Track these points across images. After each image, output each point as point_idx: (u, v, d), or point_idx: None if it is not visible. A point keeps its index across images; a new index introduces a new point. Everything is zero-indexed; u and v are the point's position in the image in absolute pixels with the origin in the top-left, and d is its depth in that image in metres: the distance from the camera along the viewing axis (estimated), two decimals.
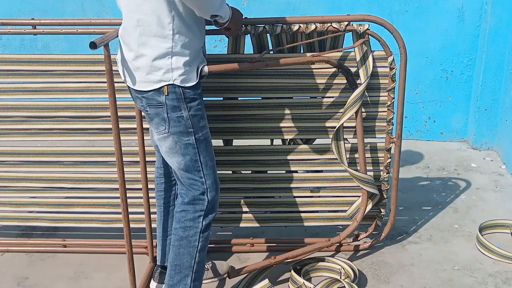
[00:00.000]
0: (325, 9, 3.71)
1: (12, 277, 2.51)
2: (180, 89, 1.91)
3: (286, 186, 2.58)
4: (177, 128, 1.95)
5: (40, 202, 2.66)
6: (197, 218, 2.03)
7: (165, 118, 1.94)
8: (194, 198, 2.03)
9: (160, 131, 1.98)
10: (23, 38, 4.08)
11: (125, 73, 2.00)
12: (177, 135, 1.96)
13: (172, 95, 1.91)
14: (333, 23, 2.31)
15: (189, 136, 1.97)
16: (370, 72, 2.35)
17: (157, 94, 1.92)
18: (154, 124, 1.99)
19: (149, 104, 1.95)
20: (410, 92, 3.70)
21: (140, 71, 1.92)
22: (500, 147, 3.72)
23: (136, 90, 1.97)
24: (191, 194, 2.03)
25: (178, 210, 2.06)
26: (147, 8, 1.85)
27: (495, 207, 3.05)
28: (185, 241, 2.03)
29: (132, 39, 1.90)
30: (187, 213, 2.03)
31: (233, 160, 2.55)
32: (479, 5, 3.65)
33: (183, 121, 1.95)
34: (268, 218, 2.64)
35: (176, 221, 2.05)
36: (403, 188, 3.17)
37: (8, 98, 2.55)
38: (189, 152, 1.98)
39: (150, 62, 1.89)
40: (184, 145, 1.97)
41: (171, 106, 1.92)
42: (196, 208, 2.03)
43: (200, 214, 2.03)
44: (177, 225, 2.05)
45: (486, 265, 2.54)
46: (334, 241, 2.53)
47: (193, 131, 1.97)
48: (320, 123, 2.49)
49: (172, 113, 1.93)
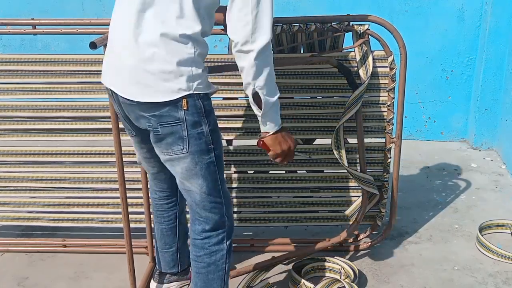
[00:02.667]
0: (325, 9, 3.71)
1: (12, 277, 2.51)
2: (200, 102, 1.72)
3: (286, 186, 2.58)
4: (197, 147, 1.75)
5: (40, 202, 2.67)
6: (221, 240, 1.90)
7: (183, 137, 1.73)
8: (215, 222, 1.87)
9: (175, 152, 1.76)
10: (23, 38, 4.08)
11: (125, 82, 1.73)
12: (198, 154, 1.76)
13: (192, 109, 1.70)
14: (333, 23, 2.31)
15: (210, 154, 1.78)
16: (370, 72, 2.35)
17: (174, 109, 1.69)
18: (164, 145, 1.77)
19: (162, 123, 1.72)
20: (410, 92, 3.70)
21: (154, 78, 1.67)
22: (500, 147, 3.73)
23: (141, 107, 1.72)
24: (213, 219, 1.87)
25: (200, 238, 1.89)
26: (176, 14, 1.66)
27: (495, 207, 3.05)
28: (213, 267, 1.90)
29: (152, 26, 1.66)
30: (210, 239, 1.89)
31: (233, 160, 2.55)
32: (479, 5, 3.65)
33: (203, 138, 1.75)
34: (268, 218, 2.64)
35: (199, 248, 1.90)
36: (403, 188, 3.17)
37: (8, 98, 2.55)
38: (211, 171, 1.80)
39: (175, 67, 1.66)
40: (206, 165, 1.78)
41: (191, 122, 1.72)
42: (219, 232, 1.89)
43: (223, 236, 1.90)
44: (201, 252, 1.90)
45: (486, 265, 2.54)
46: (334, 241, 2.53)
47: (213, 147, 1.79)
48: (320, 123, 2.49)
49: (192, 129, 1.72)
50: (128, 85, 1.72)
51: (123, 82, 1.73)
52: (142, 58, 1.67)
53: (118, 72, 1.74)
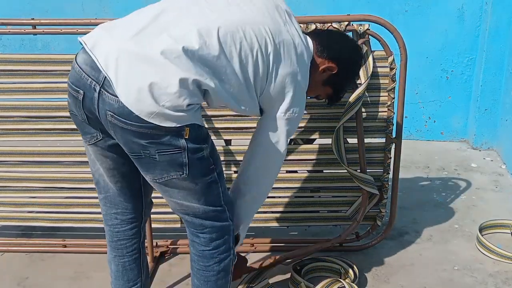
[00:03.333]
0: (325, 9, 3.71)
1: (12, 277, 2.51)
2: (201, 129, 1.68)
3: (286, 186, 2.58)
4: (198, 170, 1.70)
5: (40, 202, 2.66)
6: (229, 247, 1.87)
7: (183, 163, 1.66)
8: (221, 229, 1.83)
9: (171, 176, 1.69)
10: (23, 38, 4.09)
11: (127, 85, 1.57)
12: (198, 177, 1.71)
13: (194, 136, 1.65)
14: (333, 23, 2.31)
15: (212, 174, 1.75)
16: (370, 72, 2.35)
17: (175, 138, 1.62)
18: (159, 171, 1.68)
19: (161, 151, 1.63)
20: (410, 92, 3.70)
21: (168, 101, 1.56)
22: (500, 147, 3.73)
23: (136, 130, 1.59)
24: (218, 225, 1.82)
25: (209, 248, 1.84)
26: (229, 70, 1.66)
27: (495, 207, 3.05)
28: (222, 273, 1.87)
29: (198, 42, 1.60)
30: (219, 248, 1.84)
31: (233, 160, 2.55)
32: (479, 5, 3.66)
33: (204, 161, 1.71)
34: (268, 218, 2.64)
35: (208, 259, 1.85)
36: (403, 188, 3.17)
37: (8, 98, 2.55)
38: (213, 188, 1.76)
39: (193, 101, 1.60)
40: (207, 184, 1.74)
41: (193, 149, 1.66)
42: (226, 238, 1.85)
43: (230, 241, 1.87)
44: (211, 262, 1.85)
45: (486, 265, 2.54)
46: (334, 241, 2.53)
47: (214, 167, 1.76)
48: (320, 123, 2.49)
49: (193, 155, 1.67)
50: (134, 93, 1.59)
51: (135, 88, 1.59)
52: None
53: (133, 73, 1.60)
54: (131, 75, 1.57)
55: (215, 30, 1.63)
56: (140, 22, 1.65)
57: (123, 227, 1.96)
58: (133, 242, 1.99)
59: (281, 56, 1.74)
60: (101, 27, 1.70)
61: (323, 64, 1.92)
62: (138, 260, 2.01)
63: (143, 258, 2.05)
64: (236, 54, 1.66)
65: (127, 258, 1.99)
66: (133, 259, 2.00)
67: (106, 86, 1.58)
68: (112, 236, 1.98)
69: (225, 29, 1.64)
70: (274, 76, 1.75)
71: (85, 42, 1.65)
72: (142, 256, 2.04)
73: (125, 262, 1.99)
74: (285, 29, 1.76)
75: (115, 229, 1.97)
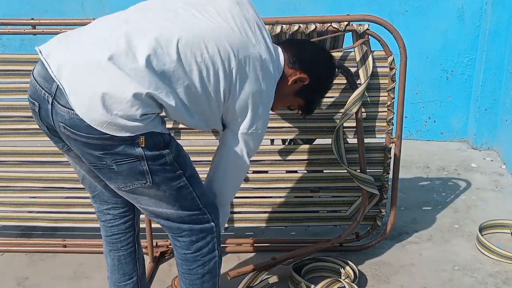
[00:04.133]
0: (325, 9, 3.71)
1: (12, 277, 2.51)
2: (158, 136, 1.62)
3: (286, 186, 2.58)
4: (162, 177, 1.65)
5: (40, 202, 2.66)
6: (213, 248, 1.84)
7: (144, 171, 1.62)
8: (202, 231, 1.80)
9: (135, 185, 1.65)
10: (23, 38, 4.08)
11: (78, 93, 1.54)
12: (164, 183, 1.67)
13: (151, 144, 1.60)
14: (333, 23, 2.31)
15: (180, 179, 1.70)
16: (370, 72, 2.35)
17: (129, 148, 1.58)
18: (121, 180, 1.65)
19: (118, 161, 1.59)
20: (410, 92, 3.70)
21: (121, 111, 1.53)
22: (500, 147, 3.73)
23: (87, 141, 1.56)
24: (198, 228, 1.79)
25: (190, 251, 1.81)
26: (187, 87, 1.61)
27: (495, 207, 3.05)
28: (207, 276, 1.85)
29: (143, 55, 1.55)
30: (202, 250, 1.82)
31: None
32: (479, 5, 3.65)
33: (168, 167, 1.66)
34: (268, 218, 2.64)
35: (191, 262, 1.83)
36: (403, 188, 3.17)
37: (8, 98, 2.55)
38: (184, 193, 1.72)
39: (148, 111, 1.57)
40: (176, 190, 1.70)
41: (152, 156, 1.61)
42: (208, 240, 1.82)
43: (214, 242, 1.83)
44: (194, 265, 1.83)
45: (486, 265, 2.54)
46: (334, 241, 2.53)
47: (182, 172, 1.70)
48: (320, 123, 2.49)
49: (153, 163, 1.62)
50: (85, 102, 1.55)
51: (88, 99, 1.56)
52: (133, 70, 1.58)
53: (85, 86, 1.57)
54: (84, 84, 1.54)
55: (175, 41, 1.59)
56: (100, 32, 1.62)
57: (117, 221, 1.97)
58: (127, 236, 1.99)
59: (246, 72, 1.70)
60: (58, 36, 1.68)
61: (294, 75, 1.89)
62: (133, 254, 2.01)
63: (139, 253, 2.04)
64: (195, 67, 1.61)
65: (122, 252, 1.99)
66: (128, 253, 2.00)
67: (58, 98, 1.56)
68: (107, 231, 1.98)
69: (185, 41, 1.60)
70: (238, 91, 1.71)
71: (41, 50, 1.63)
72: (138, 250, 2.03)
73: (120, 256, 1.99)
74: (252, 43, 1.70)
75: (109, 224, 1.97)
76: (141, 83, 1.53)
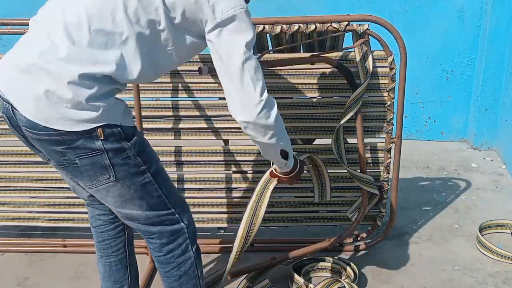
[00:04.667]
0: (325, 9, 3.71)
1: (12, 277, 2.51)
2: (118, 129, 1.59)
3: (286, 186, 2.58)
4: (126, 172, 1.62)
5: (40, 202, 2.67)
6: (185, 249, 1.81)
7: (106, 166, 1.60)
8: (172, 233, 1.77)
9: (100, 182, 1.63)
10: None
11: (23, 100, 1.54)
12: (128, 179, 1.63)
13: (111, 137, 1.58)
14: (333, 23, 2.31)
15: (144, 175, 1.66)
16: (370, 72, 2.35)
17: (89, 141, 1.56)
18: (87, 177, 1.63)
19: (79, 155, 1.58)
20: (410, 92, 3.70)
21: (66, 107, 1.51)
22: (500, 147, 3.73)
23: (49, 139, 1.55)
24: (167, 230, 1.76)
25: (162, 254, 1.80)
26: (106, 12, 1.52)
27: (495, 207, 3.05)
28: (185, 278, 1.83)
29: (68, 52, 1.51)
30: (173, 252, 1.80)
31: (232, 160, 2.55)
32: (479, 5, 3.66)
33: (131, 162, 1.62)
34: (268, 218, 2.64)
35: (165, 264, 1.82)
36: (403, 188, 3.17)
37: None
38: (149, 190, 1.68)
39: (86, 100, 1.52)
40: (141, 186, 1.66)
41: (112, 149, 1.59)
42: (180, 241, 1.79)
43: (186, 244, 1.80)
44: (168, 268, 1.82)
45: (486, 265, 2.54)
46: (334, 241, 2.53)
47: (146, 167, 1.66)
48: (320, 123, 2.49)
49: (115, 157, 1.59)
50: (30, 102, 1.55)
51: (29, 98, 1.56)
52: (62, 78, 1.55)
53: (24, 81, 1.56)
54: (24, 88, 1.54)
55: (83, 15, 1.54)
56: (30, 32, 1.63)
57: (107, 227, 1.97)
58: (117, 242, 1.99)
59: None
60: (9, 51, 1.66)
61: None
62: (124, 261, 2.01)
63: (131, 260, 2.04)
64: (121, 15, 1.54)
65: (112, 258, 1.99)
66: (118, 259, 2.00)
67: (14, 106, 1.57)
68: (98, 236, 1.99)
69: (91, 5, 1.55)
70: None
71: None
72: (129, 258, 2.02)
73: (111, 262, 1.99)
74: None
75: (99, 230, 1.98)
76: (72, 68, 1.50)
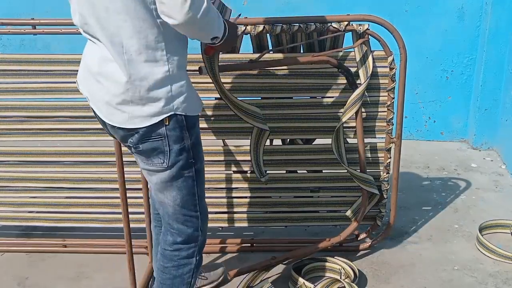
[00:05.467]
0: (325, 9, 3.70)
1: (12, 277, 2.51)
2: (182, 117, 1.68)
3: (286, 186, 2.58)
4: (178, 162, 1.72)
5: (40, 202, 2.66)
6: (191, 255, 1.86)
7: (164, 151, 1.70)
8: (189, 236, 1.84)
9: (154, 164, 1.73)
10: (23, 38, 4.08)
11: (102, 108, 1.70)
12: (177, 168, 1.73)
13: (174, 123, 1.67)
14: (333, 23, 2.31)
15: (190, 168, 1.75)
16: (370, 72, 2.35)
17: (155, 126, 1.66)
18: (145, 156, 1.74)
19: (144, 140, 1.69)
20: (410, 92, 3.69)
21: (132, 105, 1.64)
22: (500, 147, 3.72)
23: (121, 128, 1.70)
24: (186, 232, 1.84)
25: (170, 249, 1.86)
26: (131, 29, 1.56)
27: (495, 207, 3.05)
28: (178, 280, 1.87)
29: (117, 69, 1.62)
30: (180, 252, 1.85)
31: (233, 160, 2.55)
32: (479, 5, 3.65)
33: (185, 153, 1.72)
34: (268, 218, 2.64)
35: (167, 260, 1.87)
36: (403, 188, 3.17)
37: (8, 98, 2.55)
38: (188, 185, 1.77)
39: (146, 94, 1.62)
40: (183, 179, 1.75)
41: (173, 137, 1.69)
42: (191, 246, 1.86)
43: (194, 250, 1.86)
44: (169, 264, 1.87)
45: (486, 265, 2.54)
46: (334, 241, 2.53)
47: (194, 162, 1.75)
48: (320, 123, 2.49)
49: (174, 145, 1.69)
50: (106, 110, 1.71)
51: (104, 107, 1.71)
52: (119, 89, 1.65)
53: (97, 96, 1.72)
54: (95, 94, 1.71)
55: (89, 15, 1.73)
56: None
57: None
58: None
59: None
60: None
61: None
62: None
63: None
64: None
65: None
66: None
67: None
68: (154, 208, 2.11)
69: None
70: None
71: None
72: None
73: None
74: None
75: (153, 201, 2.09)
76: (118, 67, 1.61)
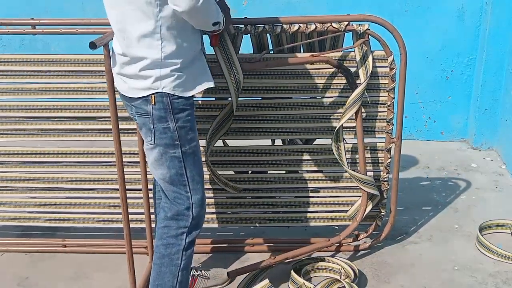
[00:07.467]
0: (325, 9, 3.70)
1: (12, 277, 2.51)
2: (167, 99, 1.83)
3: (286, 186, 2.58)
4: (163, 140, 1.87)
5: (40, 202, 2.66)
6: (180, 235, 1.95)
7: (151, 129, 1.87)
8: (178, 213, 1.94)
9: (147, 142, 1.92)
10: (23, 38, 4.08)
11: (117, 77, 1.95)
12: (163, 147, 1.88)
13: (159, 104, 1.83)
14: (333, 23, 2.31)
15: (175, 149, 1.89)
16: (370, 72, 2.35)
17: (144, 103, 1.85)
18: (143, 134, 1.94)
19: (138, 113, 1.90)
20: (410, 92, 3.69)
21: (130, 78, 1.87)
22: (500, 147, 3.72)
23: (125, 97, 1.92)
24: (175, 208, 1.95)
25: (161, 226, 1.97)
26: (132, 18, 1.77)
27: (495, 207, 3.05)
28: (167, 259, 1.94)
29: (121, 46, 1.85)
30: (169, 229, 1.95)
31: (233, 160, 2.55)
32: (479, 5, 3.65)
33: (169, 133, 1.87)
34: (268, 218, 2.64)
35: (158, 237, 1.97)
36: (403, 188, 3.17)
37: (8, 98, 2.55)
38: (175, 165, 1.90)
39: (138, 71, 1.82)
40: (170, 158, 1.90)
41: (157, 116, 1.85)
42: (180, 224, 1.95)
43: (183, 231, 1.94)
44: (159, 242, 1.96)
45: (486, 265, 2.54)
46: (334, 241, 2.53)
47: (180, 143, 1.88)
48: (320, 123, 2.49)
49: (158, 123, 1.86)
50: (119, 79, 1.94)
51: (118, 76, 1.95)
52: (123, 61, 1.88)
53: (116, 66, 1.95)
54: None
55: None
56: None
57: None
58: None
59: None
60: None
61: None
62: None
63: None
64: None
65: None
66: None
67: None
68: (158, 200, 2.22)
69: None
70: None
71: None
72: None
73: None
74: None
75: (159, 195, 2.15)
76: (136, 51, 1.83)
